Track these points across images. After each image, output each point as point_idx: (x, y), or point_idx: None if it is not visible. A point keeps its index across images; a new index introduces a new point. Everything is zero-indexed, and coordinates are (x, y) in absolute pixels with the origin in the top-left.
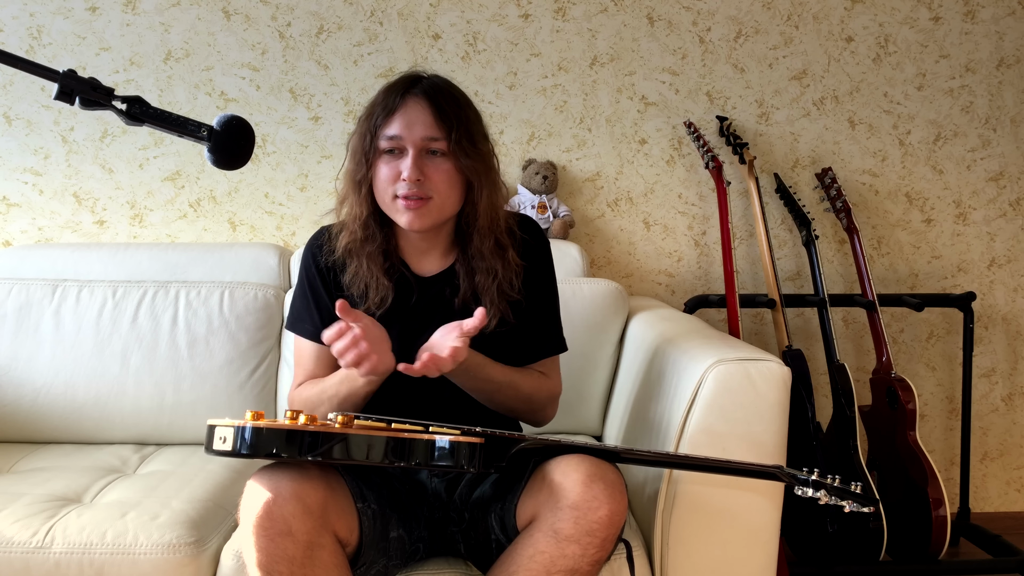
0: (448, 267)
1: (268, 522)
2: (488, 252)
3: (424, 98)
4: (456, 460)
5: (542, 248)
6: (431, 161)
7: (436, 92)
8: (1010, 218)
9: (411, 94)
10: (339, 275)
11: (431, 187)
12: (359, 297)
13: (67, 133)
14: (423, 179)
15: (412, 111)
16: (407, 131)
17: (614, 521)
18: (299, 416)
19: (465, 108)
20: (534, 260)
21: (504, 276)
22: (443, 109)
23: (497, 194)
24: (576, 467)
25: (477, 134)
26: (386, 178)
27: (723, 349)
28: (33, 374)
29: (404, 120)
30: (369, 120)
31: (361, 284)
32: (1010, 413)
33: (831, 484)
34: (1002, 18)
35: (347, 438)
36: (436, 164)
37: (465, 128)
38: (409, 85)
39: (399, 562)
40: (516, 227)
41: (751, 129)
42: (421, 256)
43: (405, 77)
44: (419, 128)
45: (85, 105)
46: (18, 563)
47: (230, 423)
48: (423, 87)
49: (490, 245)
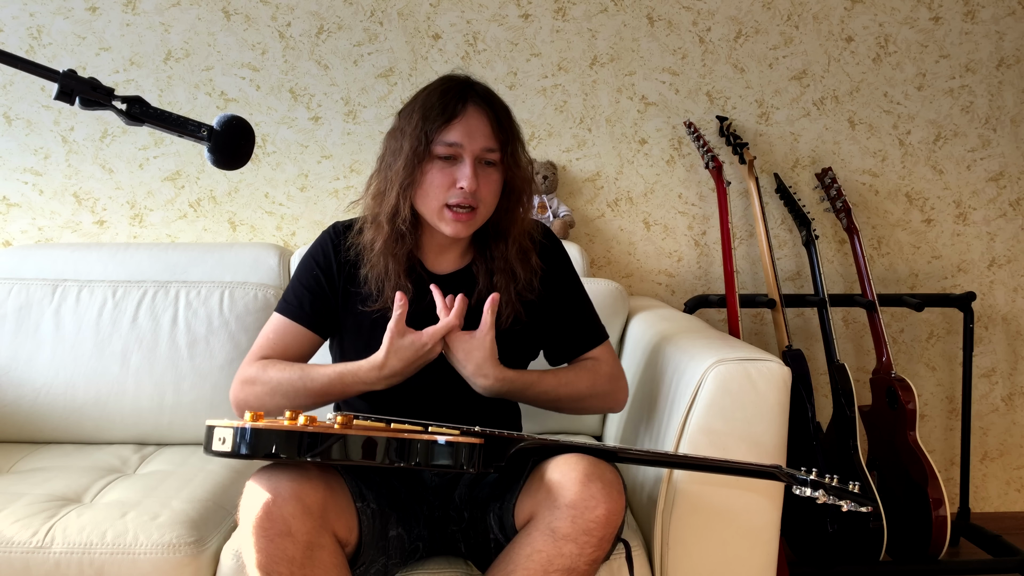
0: (465, 266)
1: (268, 523)
2: (513, 257)
3: (485, 107)
4: (456, 460)
5: (558, 249)
6: (484, 172)
7: (492, 101)
8: (1010, 218)
9: (471, 102)
10: (354, 271)
11: (479, 198)
12: (377, 293)
13: (67, 133)
14: (476, 190)
15: (472, 120)
16: (468, 140)
17: (611, 520)
18: (298, 417)
19: (513, 119)
20: (553, 262)
21: (524, 278)
22: (500, 120)
23: (531, 203)
24: (574, 466)
25: (521, 147)
26: (439, 184)
27: (723, 349)
28: (33, 374)
29: (465, 128)
30: (425, 122)
31: (379, 281)
32: (1010, 413)
33: (829, 484)
34: (1002, 18)
35: (346, 438)
36: (488, 174)
37: (518, 140)
38: (467, 91)
39: (398, 561)
40: (534, 232)
41: (751, 129)
42: (439, 255)
43: (460, 82)
44: (480, 139)
45: (85, 105)
46: (18, 563)
47: (229, 424)
48: (480, 95)
49: (516, 250)
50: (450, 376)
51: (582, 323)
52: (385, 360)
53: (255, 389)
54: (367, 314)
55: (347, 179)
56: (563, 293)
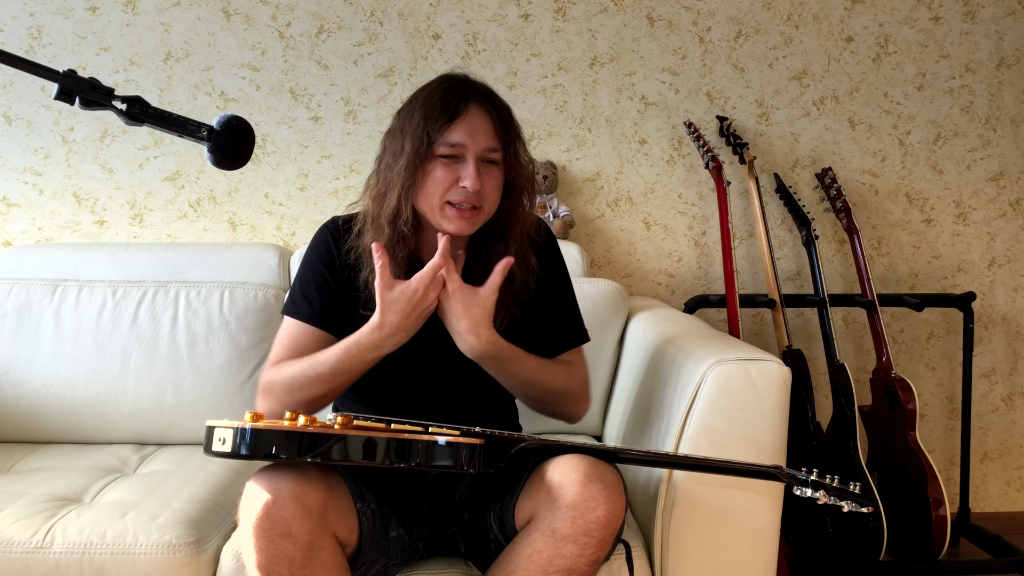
0: (463, 268)
1: (268, 523)
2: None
3: (487, 106)
4: (456, 461)
5: (553, 247)
6: (486, 170)
7: (493, 101)
8: (1010, 218)
9: (474, 101)
10: (354, 275)
11: (483, 197)
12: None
13: (67, 133)
14: (480, 189)
15: (475, 119)
16: (470, 139)
17: (611, 521)
18: (298, 417)
19: (514, 118)
20: (547, 260)
21: (521, 278)
22: (502, 120)
23: (533, 203)
24: (574, 467)
25: (521, 145)
26: (442, 183)
27: (723, 349)
28: (33, 374)
29: (467, 128)
30: (427, 122)
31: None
32: (1010, 413)
33: (830, 484)
34: (1002, 18)
35: (346, 439)
36: (490, 173)
37: (519, 139)
38: (468, 91)
39: (399, 561)
40: (533, 231)
41: (751, 129)
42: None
43: (460, 81)
44: (482, 138)
45: (85, 105)
46: (18, 563)
47: (229, 424)
48: (482, 94)
49: (515, 251)
50: (451, 376)
51: (567, 322)
52: (382, 318)
53: (275, 393)
54: (367, 318)
55: (347, 179)
56: (553, 291)
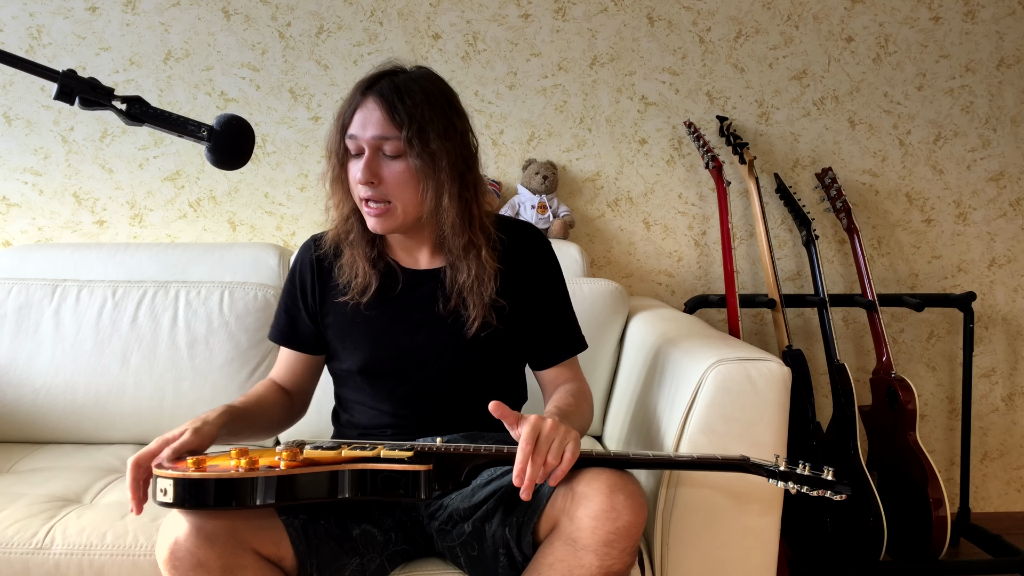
0: (440, 266)
1: (176, 561)
2: (459, 250)
3: (380, 96)
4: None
5: (536, 250)
6: (384, 163)
7: (394, 89)
8: (1010, 218)
9: (371, 91)
10: (328, 278)
11: (387, 191)
12: (344, 287)
13: (67, 133)
14: (377, 182)
15: (367, 110)
16: (361, 131)
17: (632, 533)
18: (242, 458)
19: (425, 104)
20: (540, 265)
21: (477, 276)
22: (396, 107)
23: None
24: (598, 477)
25: (433, 131)
26: (352, 180)
27: (723, 349)
28: (33, 374)
29: (360, 120)
30: (339, 119)
31: (348, 274)
32: (1010, 413)
33: (800, 473)
34: (1002, 18)
35: (293, 479)
36: (389, 166)
37: (419, 126)
38: (372, 82)
39: (375, 555)
40: (494, 228)
41: (751, 129)
42: (408, 254)
43: (374, 73)
44: (371, 128)
45: (85, 105)
46: (18, 564)
47: (169, 474)
48: (385, 84)
49: (462, 244)
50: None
51: (563, 329)
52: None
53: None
54: (343, 304)
55: None
56: (548, 299)
